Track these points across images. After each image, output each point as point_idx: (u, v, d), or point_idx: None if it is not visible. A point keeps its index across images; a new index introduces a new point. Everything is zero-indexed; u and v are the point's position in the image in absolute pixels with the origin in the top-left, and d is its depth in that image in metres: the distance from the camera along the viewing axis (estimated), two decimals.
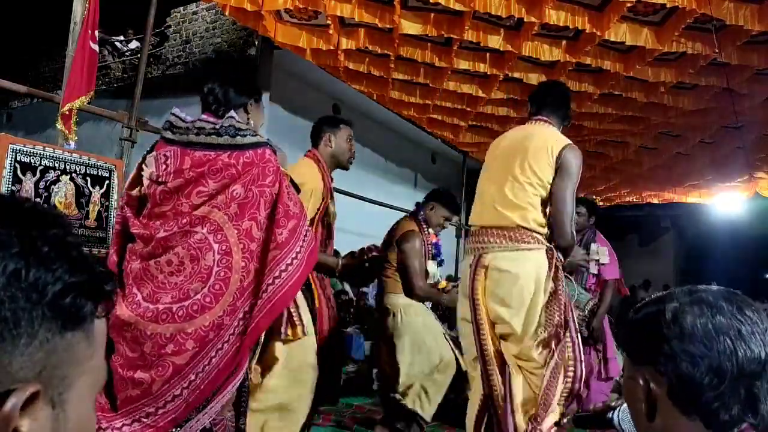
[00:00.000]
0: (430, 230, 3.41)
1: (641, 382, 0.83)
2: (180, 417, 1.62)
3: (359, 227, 6.19)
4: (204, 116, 1.77)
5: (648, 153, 7.26)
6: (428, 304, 3.62)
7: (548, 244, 2.31)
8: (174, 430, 1.63)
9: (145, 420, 1.61)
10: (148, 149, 1.82)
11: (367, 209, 6.88)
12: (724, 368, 0.77)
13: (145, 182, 1.72)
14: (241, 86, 1.84)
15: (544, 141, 2.33)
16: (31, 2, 9.26)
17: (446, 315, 6.40)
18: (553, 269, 2.28)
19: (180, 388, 1.61)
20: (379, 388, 3.38)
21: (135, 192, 1.75)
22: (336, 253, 2.88)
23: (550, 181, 2.29)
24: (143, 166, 1.75)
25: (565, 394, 2.25)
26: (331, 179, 2.67)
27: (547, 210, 2.33)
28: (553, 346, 2.24)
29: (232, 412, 1.85)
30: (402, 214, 4.23)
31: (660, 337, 0.82)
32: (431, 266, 3.34)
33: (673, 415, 0.80)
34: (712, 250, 12.89)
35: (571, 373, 2.25)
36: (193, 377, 1.61)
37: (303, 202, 1.95)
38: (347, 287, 6.16)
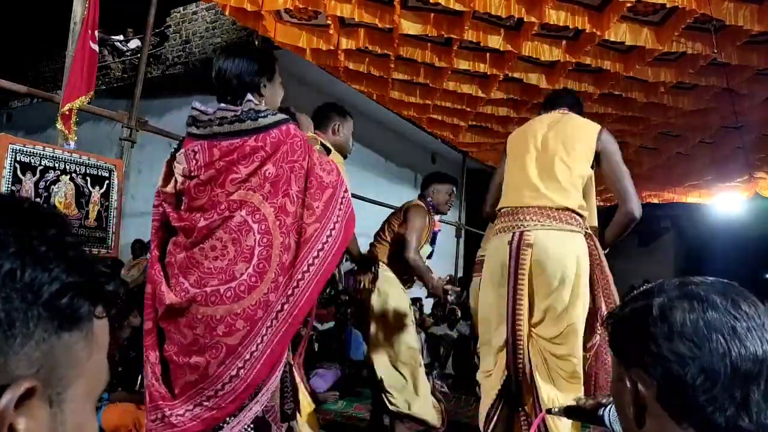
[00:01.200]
0: (435, 218, 3.49)
1: (629, 384, 0.77)
2: (241, 398, 1.64)
3: (359, 227, 6.08)
4: (223, 105, 1.78)
5: (648, 153, 7.25)
6: (429, 307, 3.63)
7: (587, 229, 2.32)
8: (228, 419, 1.64)
9: (206, 404, 1.63)
10: (176, 147, 1.83)
11: (367, 209, 6.86)
12: (716, 369, 0.69)
13: (179, 179, 1.75)
14: (249, 70, 1.83)
15: (582, 125, 2.43)
16: (31, 2, 9.26)
17: (447, 316, 6.44)
18: (594, 254, 2.31)
19: (236, 368, 1.63)
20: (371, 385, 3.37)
21: (170, 189, 1.77)
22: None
23: (590, 164, 2.36)
24: (174, 164, 1.78)
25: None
26: None
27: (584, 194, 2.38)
28: (597, 329, 2.30)
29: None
30: None
31: (647, 335, 0.74)
32: (426, 248, 3.39)
33: (663, 421, 0.73)
34: (712, 250, 12.87)
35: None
36: (247, 356, 1.64)
37: None
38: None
